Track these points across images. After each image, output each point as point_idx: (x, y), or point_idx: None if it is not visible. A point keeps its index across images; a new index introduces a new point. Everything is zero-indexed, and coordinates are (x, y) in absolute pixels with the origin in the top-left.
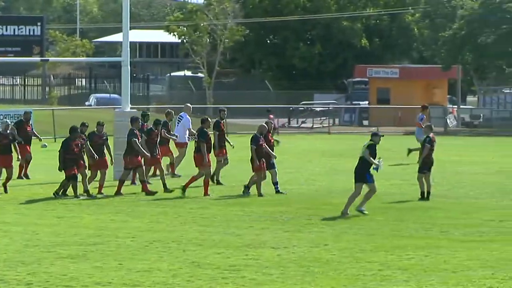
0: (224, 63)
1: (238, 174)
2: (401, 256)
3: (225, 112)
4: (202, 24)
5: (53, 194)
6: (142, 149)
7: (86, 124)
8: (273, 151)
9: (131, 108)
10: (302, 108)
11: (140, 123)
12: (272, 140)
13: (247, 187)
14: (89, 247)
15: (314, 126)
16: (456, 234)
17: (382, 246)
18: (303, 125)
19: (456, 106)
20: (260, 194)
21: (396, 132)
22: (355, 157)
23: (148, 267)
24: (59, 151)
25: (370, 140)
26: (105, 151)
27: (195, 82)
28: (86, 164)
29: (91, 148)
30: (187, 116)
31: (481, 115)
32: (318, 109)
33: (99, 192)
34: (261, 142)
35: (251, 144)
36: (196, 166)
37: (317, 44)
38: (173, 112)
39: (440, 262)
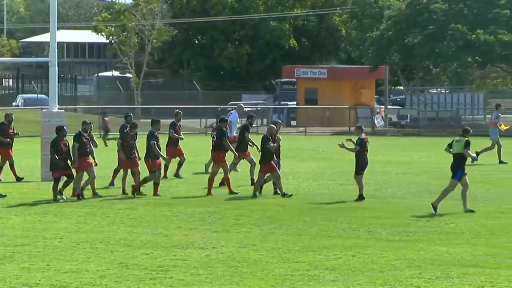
0: (152, 63)
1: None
2: (328, 256)
3: (255, 118)
4: (130, 25)
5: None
6: (160, 153)
7: (88, 122)
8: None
9: (58, 108)
10: (231, 109)
11: (127, 125)
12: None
13: (258, 188)
14: (16, 248)
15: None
16: (383, 234)
17: (309, 246)
18: None
19: (383, 107)
20: (255, 195)
21: (324, 132)
22: (283, 156)
23: (76, 268)
24: (50, 151)
25: (463, 135)
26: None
27: (123, 83)
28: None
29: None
30: (236, 114)
31: (408, 115)
32: (246, 109)
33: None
34: (270, 143)
35: (262, 145)
36: (216, 164)
37: (245, 44)
38: (181, 113)
39: (368, 261)
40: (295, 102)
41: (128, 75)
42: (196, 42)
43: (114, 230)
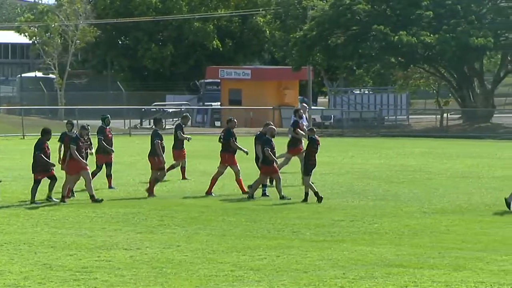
0: (76, 64)
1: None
2: (253, 257)
3: (301, 112)
4: (53, 25)
5: (47, 197)
6: (161, 153)
7: (86, 127)
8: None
9: None
10: (155, 109)
11: (105, 127)
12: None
13: (264, 190)
14: None
15: (166, 127)
16: (307, 234)
17: (234, 247)
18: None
19: (307, 107)
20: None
21: (248, 133)
22: (207, 157)
23: None
24: (34, 153)
25: None
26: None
27: (47, 83)
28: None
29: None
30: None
31: (332, 116)
32: (170, 110)
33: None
34: (273, 144)
35: (265, 147)
36: (226, 165)
37: (169, 45)
38: (188, 115)
39: (292, 262)
40: (219, 103)
41: (51, 75)
42: (120, 42)
43: (38, 231)
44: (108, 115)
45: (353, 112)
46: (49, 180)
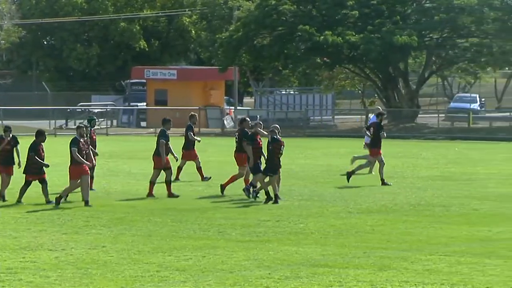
0: (0, 64)
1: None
2: (179, 257)
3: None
4: None
5: (47, 202)
6: (164, 153)
7: (83, 126)
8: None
9: None
10: (80, 110)
11: (91, 128)
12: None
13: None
14: None
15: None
16: (233, 235)
17: (160, 247)
18: None
19: (233, 107)
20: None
21: (174, 133)
22: (133, 158)
23: None
24: (28, 154)
25: None
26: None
27: None
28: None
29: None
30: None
31: (258, 116)
32: (96, 110)
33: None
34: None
35: (269, 146)
36: (245, 165)
37: (95, 45)
38: (196, 115)
39: (218, 262)
40: (145, 103)
41: None
42: (45, 43)
43: None
44: (95, 117)
45: (279, 112)
46: (41, 185)
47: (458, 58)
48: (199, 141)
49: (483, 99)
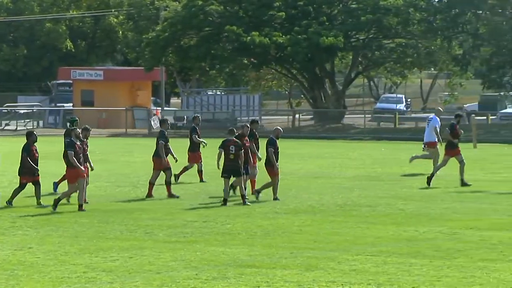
0: None
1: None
2: (105, 258)
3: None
4: None
5: (38, 205)
6: (163, 154)
7: (89, 128)
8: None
9: None
10: (6, 111)
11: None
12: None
13: (257, 192)
14: None
15: (18, 129)
16: (160, 235)
17: (86, 248)
18: (6, 127)
19: (160, 108)
20: (276, 198)
21: (101, 134)
22: (61, 159)
23: None
24: (22, 156)
25: None
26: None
27: None
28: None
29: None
30: (437, 117)
31: (185, 117)
32: (22, 111)
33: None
34: (277, 146)
35: (268, 147)
36: (255, 165)
37: (22, 46)
38: (199, 117)
39: (145, 263)
40: (71, 104)
41: None
42: None
43: None
44: (77, 118)
45: (206, 113)
46: (34, 187)
47: (384, 59)
48: (205, 144)
49: (409, 100)
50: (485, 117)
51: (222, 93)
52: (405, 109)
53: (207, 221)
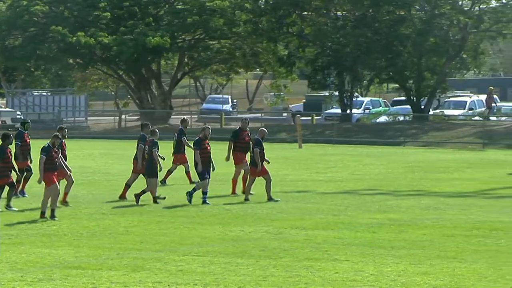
0: None
1: None
2: None
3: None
4: None
5: (6, 207)
6: (141, 157)
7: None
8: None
9: None
10: None
11: (24, 131)
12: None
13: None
14: None
15: None
16: None
17: None
18: None
19: None
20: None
21: None
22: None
23: None
24: None
25: None
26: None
27: None
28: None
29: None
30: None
31: (10, 118)
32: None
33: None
34: (263, 146)
35: (255, 148)
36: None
37: None
38: (188, 120)
39: None
40: None
41: None
42: None
43: None
44: (29, 120)
45: (31, 113)
46: (8, 188)
47: (211, 60)
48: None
49: (235, 100)
50: (310, 118)
51: (48, 93)
52: (231, 109)
53: (33, 222)
